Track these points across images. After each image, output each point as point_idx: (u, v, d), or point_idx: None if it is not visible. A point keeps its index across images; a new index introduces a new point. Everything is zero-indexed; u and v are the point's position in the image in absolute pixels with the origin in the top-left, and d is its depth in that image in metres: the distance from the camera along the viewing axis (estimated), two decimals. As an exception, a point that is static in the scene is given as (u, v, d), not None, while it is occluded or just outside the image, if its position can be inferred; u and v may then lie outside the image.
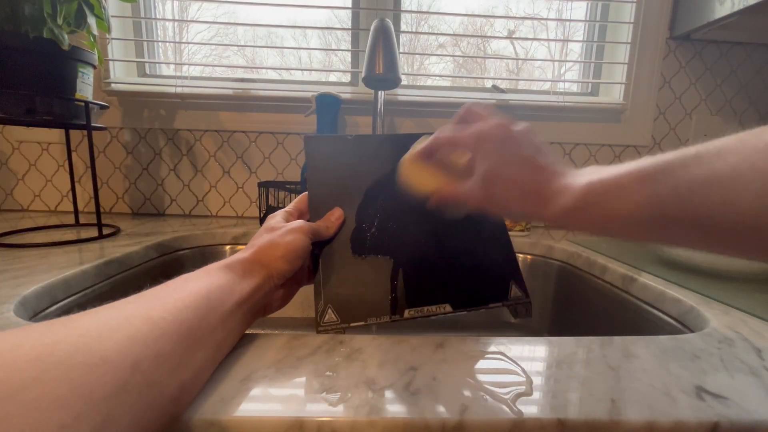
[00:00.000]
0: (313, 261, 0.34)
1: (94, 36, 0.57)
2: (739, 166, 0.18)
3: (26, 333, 0.15)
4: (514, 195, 0.26)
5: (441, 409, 0.21)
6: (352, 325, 0.31)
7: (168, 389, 0.18)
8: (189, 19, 0.90)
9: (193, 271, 0.26)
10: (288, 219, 0.34)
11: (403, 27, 0.89)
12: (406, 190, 0.33)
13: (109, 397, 0.15)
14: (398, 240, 0.35)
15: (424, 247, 0.35)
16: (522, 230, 0.73)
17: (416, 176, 0.33)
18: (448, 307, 0.33)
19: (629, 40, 0.83)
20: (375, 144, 0.39)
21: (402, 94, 0.83)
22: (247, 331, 0.29)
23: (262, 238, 0.31)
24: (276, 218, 0.34)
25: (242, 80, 0.85)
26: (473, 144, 0.28)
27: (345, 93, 0.80)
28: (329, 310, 0.31)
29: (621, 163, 0.23)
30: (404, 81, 0.80)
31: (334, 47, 0.95)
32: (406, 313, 0.32)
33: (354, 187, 0.36)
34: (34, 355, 0.14)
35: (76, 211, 0.69)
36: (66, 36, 0.51)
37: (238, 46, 0.92)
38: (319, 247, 0.34)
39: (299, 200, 0.37)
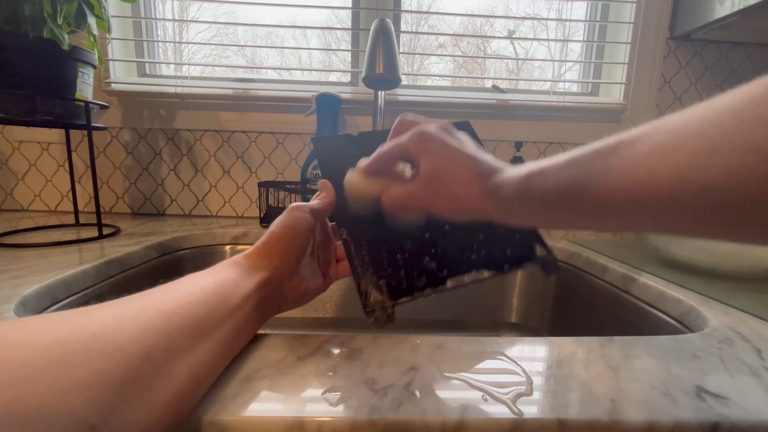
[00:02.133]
0: (344, 246, 0.33)
1: (94, 36, 0.57)
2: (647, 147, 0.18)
3: (48, 319, 0.16)
4: (458, 190, 0.25)
5: (441, 409, 0.21)
6: (399, 301, 0.31)
7: (179, 381, 0.18)
8: (189, 19, 0.90)
9: (193, 270, 0.26)
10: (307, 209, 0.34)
11: (403, 27, 0.89)
12: (354, 203, 0.33)
13: (123, 384, 0.15)
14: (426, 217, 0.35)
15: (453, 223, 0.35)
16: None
17: (362, 187, 0.32)
18: (485, 273, 0.33)
19: (629, 40, 0.83)
20: (381, 137, 0.39)
21: (402, 94, 0.83)
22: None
23: (269, 230, 0.31)
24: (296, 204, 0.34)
25: (242, 80, 0.85)
26: (414, 145, 0.27)
27: (345, 93, 0.80)
28: (373, 290, 0.31)
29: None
30: (404, 81, 0.80)
31: (334, 47, 0.95)
32: (449, 283, 0.32)
33: None
34: (56, 339, 0.14)
35: (76, 211, 0.69)
36: (66, 36, 0.51)
37: (238, 46, 0.92)
38: (348, 231, 0.34)
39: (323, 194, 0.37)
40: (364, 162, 0.32)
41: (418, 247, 0.34)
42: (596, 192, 0.19)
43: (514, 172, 0.24)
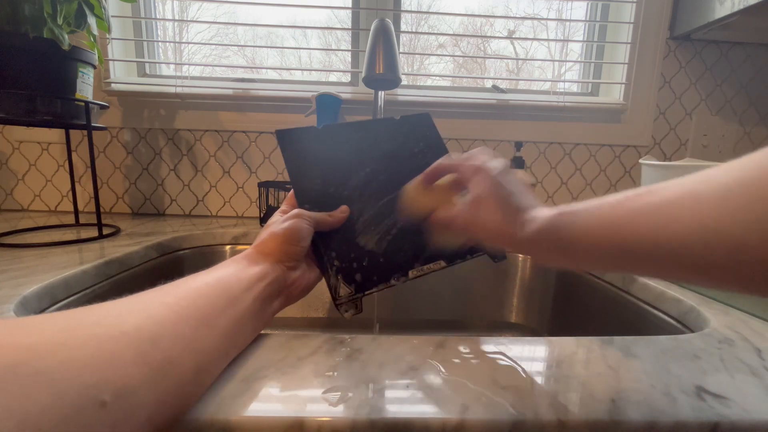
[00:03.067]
0: (313, 246, 0.35)
1: (94, 36, 0.57)
2: (675, 193, 0.19)
3: (55, 314, 0.17)
4: (495, 219, 0.28)
5: (441, 409, 0.21)
6: (366, 293, 0.33)
7: (186, 369, 0.19)
8: (189, 19, 0.90)
9: (193, 270, 0.27)
10: (282, 215, 0.36)
11: (403, 27, 0.89)
12: (408, 213, 0.37)
13: (130, 365, 0.16)
14: (388, 212, 0.38)
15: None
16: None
17: (418, 200, 0.36)
18: (443, 263, 0.36)
19: (629, 40, 0.83)
20: (347, 131, 0.42)
21: (402, 94, 0.83)
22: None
23: (263, 233, 0.33)
24: (273, 218, 0.36)
25: (242, 80, 0.85)
26: (471, 173, 0.31)
27: (345, 93, 0.80)
28: (342, 284, 0.33)
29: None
30: (404, 81, 0.80)
31: (334, 47, 0.95)
32: (411, 274, 0.35)
33: (333, 171, 0.39)
34: (62, 326, 0.15)
35: (76, 211, 0.69)
36: (66, 36, 0.51)
37: (238, 46, 0.92)
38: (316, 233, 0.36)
39: (288, 198, 0.39)
40: (415, 181, 0.37)
41: (380, 242, 0.36)
42: (618, 235, 0.20)
43: (549, 210, 0.26)
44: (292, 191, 0.38)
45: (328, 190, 0.38)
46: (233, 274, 0.27)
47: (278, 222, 0.33)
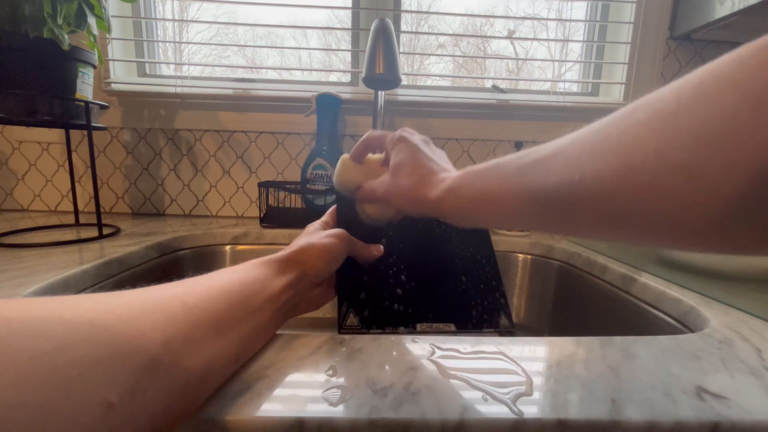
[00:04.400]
0: (336, 273, 0.37)
1: (94, 36, 0.57)
2: (553, 149, 0.21)
3: (86, 299, 0.17)
4: (410, 183, 0.30)
5: (441, 409, 0.21)
6: (371, 331, 0.34)
7: (193, 372, 0.19)
8: (189, 19, 0.90)
9: (193, 270, 0.26)
10: (324, 228, 0.37)
11: (403, 27, 0.89)
12: (339, 186, 0.39)
13: (140, 368, 0.16)
14: (415, 261, 0.40)
15: (436, 271, 0.40)
16: (522, 230, 0.73)
17: (346, 174, 0.38)
18: (452, 327, 0.37)
19: (629, 40, 0.83)
20: None
21: (402, 94, 0.83)
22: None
23: (301, 239, 0.34)
24: (314, 226, 0.37)
25: (242, 80, 0.85)
26: (391, 142, 0.33)
27: (345, 93, 0.80)
28: (351, 315, 0.35)
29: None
30: (404, 81, 0.80)
31: (334, 47, 0.95)
32: (419, 327, 0.36)
33: None
34: (88, 318, 0.15)
35: (76, 211, 0.69)
36: (66, 36, 0.51)
37: (238, 46, 0.92)
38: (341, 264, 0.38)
39: (331, 211, 0.41)
40: (346, 156, 0.39)
41: (400, 287, 0.38)
42: (506, 193, 0.23)
43: (454, 172, 0.29)
44: (335, 206, 0.40)
45: (369, 223, 0.39)
46: (260, 280, 0.27)
47: (320, 235, 0.33)
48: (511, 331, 0.40)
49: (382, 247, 0.39)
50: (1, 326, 0.13)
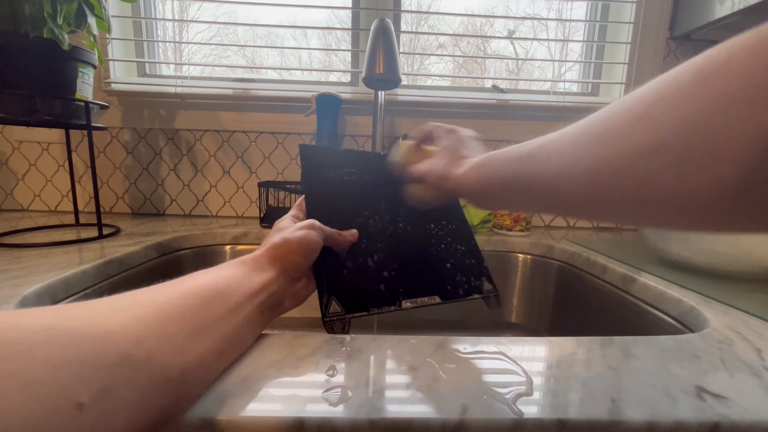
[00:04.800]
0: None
1: (94, 36, 0.57)
2: (558, 135, 0.23)
3: (44, 308, 0.16)
4: (442, 163, 0.34)
5: (441, 409, 0.21)
6: (356, 315, 0.34)
7: (171, 370, 0.18)
8: (189, 19, 0.90)
9: (193, 270, 0.26)
10: (295, 221, 0.36)
11: (403, 27, 0.89)
12: (395, 165, 0.41)
13: (112, 366, 0.15)
14: (391, 242, 0.40)
15: (414, 249, 0.41)
16: (522, 230, 0.73)
17: (405, 156, 0.41)
18: (437, 299, 0.38)
19: (629, 40, 0.83)
20: (364, 158, 0.46)
21: (402, 94, 0.83)
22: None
23: (275, 236, 0.33)
24: (285, 221, 0.36)
25: (242, 80, 0.85)
26: (445, 132, 0.38)
27: (345, 93, 0.80)
28: (333, 302, 0.34)
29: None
30: (404, 81, 0.80)
31: (334, 47, 0.95)
32: (404, 304, 0.36)
33: (346, 193, 0.42)
34: (47, 323, 0.15)
35: (76, 211, 0.69)
36: (66, 36, 0.51)
37: (238, 46, 0.92)
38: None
39: (299, 203, 0.40)
40: (407, 141, 0.42)
41: (379, 267, 0.38)
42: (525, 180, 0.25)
43: (479, 156, 0.31)
44: (302, 198, 0.40)
45: (339, 208, 0.40)
46: (235, 277, 0.26)
47: (292, 229, 0.33)
48: (495, 295, 0.41)
49: (356, 231, 0.38)
50: None
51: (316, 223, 0.34)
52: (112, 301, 0.19)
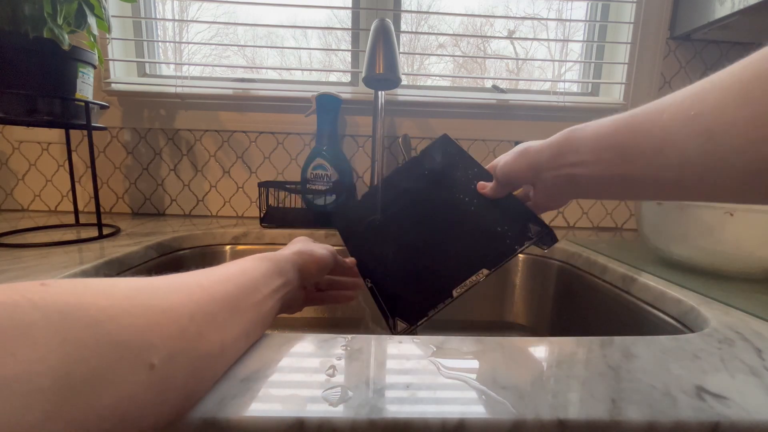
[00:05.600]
0: (371, 292, 0.41)
1: (94, 36, 0.57)
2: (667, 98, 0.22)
3: (119, 280, 0.19)
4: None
5: (441, 409, 0.21)
6: (419, 323, 0.36)
7: (213, 344, 0.21)
8: (189, 19, 0.90)
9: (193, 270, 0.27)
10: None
11: (403, 27, 0.89)
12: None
13: (174, 337, 0.18)
14: (427, 236, 0.41)
15: (450, 230, 0.41)
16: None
17: None
18: (485, 271, 0.37)
19: (629, 40, 0.83)
20: (386, 193, 0.48)
21: (402, 94, 0.83)
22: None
23: (299, 244, 0.37)
24: (307, 240, 0.42)
25: (242, 80, 0.85)
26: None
27: (345, 93, 0.80)
28: (398, 321, 0.37)
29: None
30: (404, 81, 0.80)
31: (334, 47, 0.95)
32: (455, 293, 0.37)
33: (380, 230, 0.46)
34: (126, 293, 0.18)
35: (76, 211, 0.69)
36: (66, 36, 0.51)
37: (238, 46, 0.92)
38: (372, 281, 0.41)
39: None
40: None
41: (423, 269, 0.39)
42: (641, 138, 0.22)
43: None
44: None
45: (377, 239, 0.44)
46: (265, 273, 0.29)
47: (318, 246, 0.39)
48: (548, 233, 0.37)
49: (353, 259, 0.44)
50: (59, 304, 0.15)
51: (334, 250, 0.40)
52: (167, 280, 0.21)
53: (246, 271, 0.27)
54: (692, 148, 0.19)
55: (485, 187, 0.40)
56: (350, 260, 0.44)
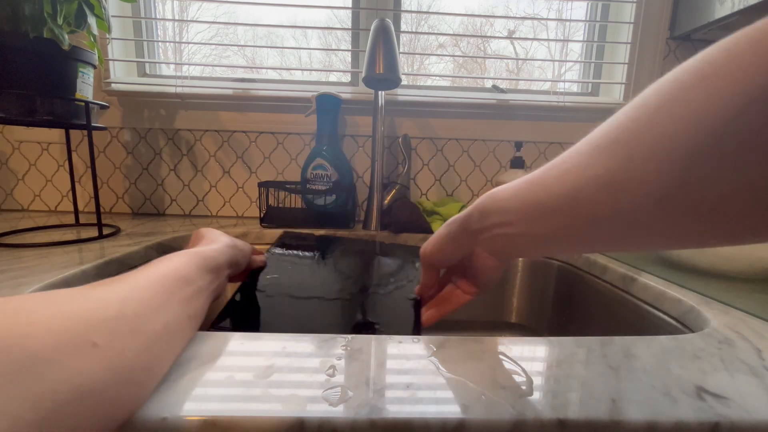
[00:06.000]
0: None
1: (94, 36, 0.57)
2: (568, 152, 0.23)
3: (54, 291, 0.20)
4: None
5: (441, 409, 0.21)
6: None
7: (155, 324, 0.22)
8: (189, 19, 0.90)
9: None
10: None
11: (403, 27, 0.89)
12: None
13: (111, 319, 0.20)
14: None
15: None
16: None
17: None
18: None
19: (629, 40, 0.83)
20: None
21: (402, 94, 0.83)
22: (247, 332, 0.29)
23: (222, 237, 0.39)
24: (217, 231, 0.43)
25: (242, 80, 0.85)
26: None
27: (345, 93, 0.80)
28: None
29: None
30: (404, 81, 0.80)
31: (334, 47, 0.95)
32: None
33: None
34: (60, 293, 0.20)
35: (76, 211, 0.69)
36: (66, 36, 0.51)
37: (238, 46, 0.92)
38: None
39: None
40: None
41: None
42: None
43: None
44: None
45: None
46: (200, 265, 0.31)
47: (240, 242, 0.41)
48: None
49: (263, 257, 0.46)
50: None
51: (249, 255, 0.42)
52: (99, 283, 0.23)
53: (181, 266, 0.29)
54: (599, 204, 0.21)
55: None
56: (260, 258, 0.45)
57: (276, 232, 0.69)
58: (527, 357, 0.27)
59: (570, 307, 0.61)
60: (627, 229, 0.20)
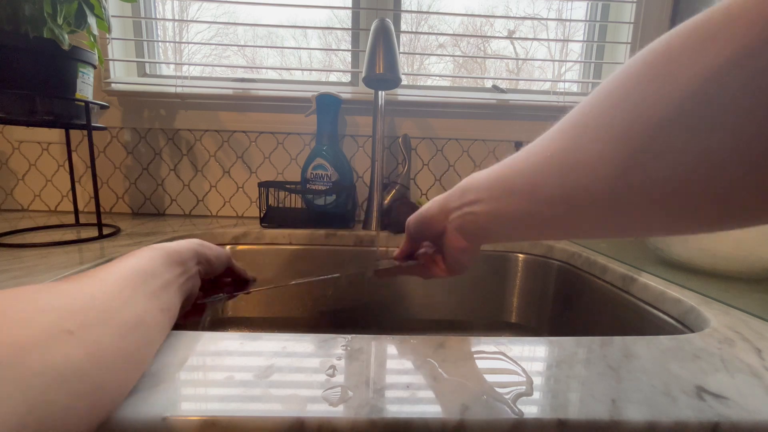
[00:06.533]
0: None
1: (94, 36, 0.57)
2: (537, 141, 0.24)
3: (28, 286, 0.21)
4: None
5: (441, 409, 0.21)
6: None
7: (128, 315, 0.23)
8: (189, 19, 0.90)
9: None
10: None
11: (403, 27, 0.89)
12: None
13: (80, 311, 0.20)
14: None
15: None
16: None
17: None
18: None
19: (629, 40, 0.83)
20: None
21: (402, 94, 0.83)
22: (247, 332, 0.29)
23: (196, 239, 0.39)
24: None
25: (242, 80, 0.85)
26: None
27: (345, 93, 0.80)
28: None
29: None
30: (404, 81, 0.80)
31: (334, 47, 0.95)
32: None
33: None
34: (29, 289, 0.20)
35: (76, 211, 0.69)
36: (66, 36, 0.51)
37: (238, 46, 0.92)
38: None
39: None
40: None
41: None
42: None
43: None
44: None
45: None
46: (169, 263, 0.31)
47: (211, 244, 0.40)
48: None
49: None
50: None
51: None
52: (63, 280, 0.23)
53: (136, 257, 0.29)
54: (553, 185, 0.21)
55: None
56: (242, 267, 0.44)
57: (276, 232, 0.69)
58: (527, 357, 0.27)
59: (570, 307, 0.61)
60: (581, 213, 0.21)
